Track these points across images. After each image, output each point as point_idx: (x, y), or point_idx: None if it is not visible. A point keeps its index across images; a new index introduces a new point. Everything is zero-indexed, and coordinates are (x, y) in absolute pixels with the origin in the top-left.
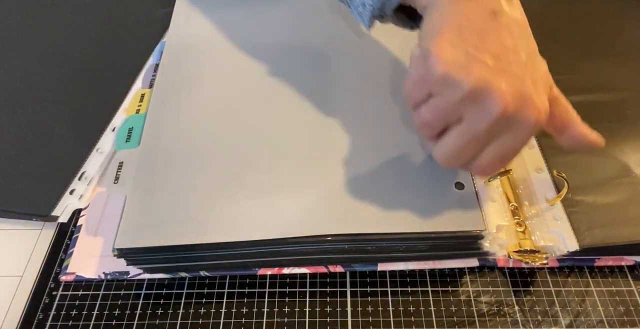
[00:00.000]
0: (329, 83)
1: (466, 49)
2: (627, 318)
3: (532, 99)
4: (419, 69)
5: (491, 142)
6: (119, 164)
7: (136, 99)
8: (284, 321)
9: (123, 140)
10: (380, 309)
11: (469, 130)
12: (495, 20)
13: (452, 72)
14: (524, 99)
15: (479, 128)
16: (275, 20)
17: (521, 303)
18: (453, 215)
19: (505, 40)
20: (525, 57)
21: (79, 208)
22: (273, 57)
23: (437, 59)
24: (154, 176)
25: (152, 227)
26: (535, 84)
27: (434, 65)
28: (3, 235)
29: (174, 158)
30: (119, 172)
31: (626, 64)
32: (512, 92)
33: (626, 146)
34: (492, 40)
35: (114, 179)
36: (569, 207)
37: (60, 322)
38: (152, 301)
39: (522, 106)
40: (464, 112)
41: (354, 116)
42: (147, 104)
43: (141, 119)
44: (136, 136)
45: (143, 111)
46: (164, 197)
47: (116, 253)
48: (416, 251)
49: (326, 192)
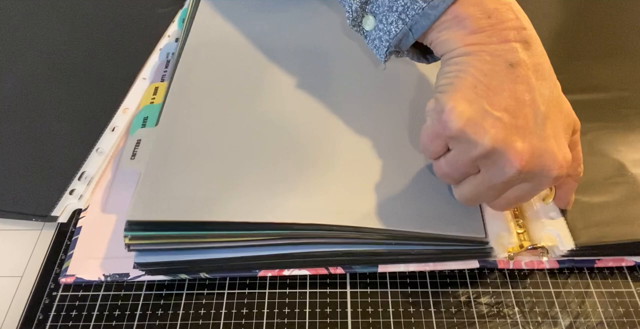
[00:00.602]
0: (342, 84)
1: (482, 105)
2: (626, 319)
3: (551, 152)
4: (434, 124)
5: (510, 189)
6: (137, 142)
7: (150, 91)
8: (284, 321)
9: (139, 127)
10: (380, 310)
11: (485, 182)
12: (512, 73)
13: (467, 131)
14: (542, 156)
15: (496, 182)
16: (292, 24)
17: (521, 304)
18: (456, 219)
19: (522, 95)
20: (544, 108)
21: (79, 208)
22: (290, 57)
23: (453, 117)
24: (170, 154)
25: (165, 202)
26: (556, 135)
27: (450, 122)
28: (3, 235)
29: (190, 138)
30: (136, 148)
31: (623, 63)
32: (529, 150)
33: (622, 145)
34: (507, 96)
35: (130, 155)
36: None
37: (60, 322)
38: (152, 302)
39: (540, 163)
40: (481, 166)
41: (364, 117)
42: (161, 96)
43: (156, 109)
44: (151, 123)
45: (157, 102)
46: (178, 175)
47: (127, 229)
48: (425, 255)
49: (335, 187)
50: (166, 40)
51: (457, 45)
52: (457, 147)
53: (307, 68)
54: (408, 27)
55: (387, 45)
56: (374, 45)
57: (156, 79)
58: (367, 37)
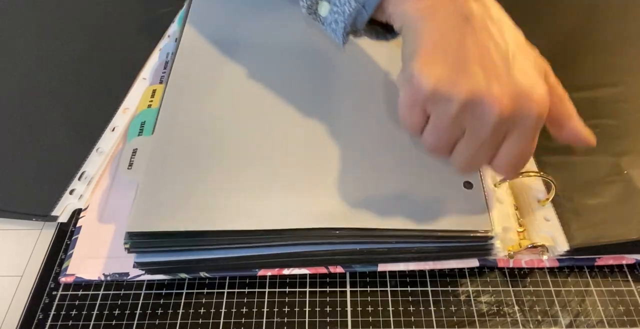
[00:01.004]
0: (340, 84)
1: (447, 62)
2: (627, 317)
3: (527, 93)
4: (407, 92)
5: (502, 142)
6: (133, 151)
7: (147, 94)
8: (284, 321)
9: (135, 133)
10: (380, 309)
11: (473, 140)
12: (469, 25)
13: (440, 88)
14: (519, 96)
15: (483, 136)
16: (288, 22)
17: (521, 302)
18: (460, 214)
19: (485, 42)
20: (510, 51)
21: (79, 208)
22: (285, 57)
23: (422, 78)
24: (167, 163)
25: (164, 212)
26: (526, 74)
27: (421, 84)
28: (3, 235)
29: (187, 146)
30: (132, 158)
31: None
32: (505, 93)
33: (617, 144)
34: (470, 47)
35: (127, 165)
36: (559, 207)
37: (60, 322)
38: (152, 301)
39: (519, 104)
40: (465, 124)
41: (362, 117)
42: (158, 99)
43: (153, 113)
44: (149, 129)
45: (155, 106)
46: (176, 184)
47: (127, 239)
48: (426, 253)
49: (336, 189)
50: (166, 40)
51: (410, 13)
52: (435, 110)
53: (303, 68)
54: (361, 4)
55: (343, 26)
56: (332, 29)
57: (156, 79)
58: (324, 23)
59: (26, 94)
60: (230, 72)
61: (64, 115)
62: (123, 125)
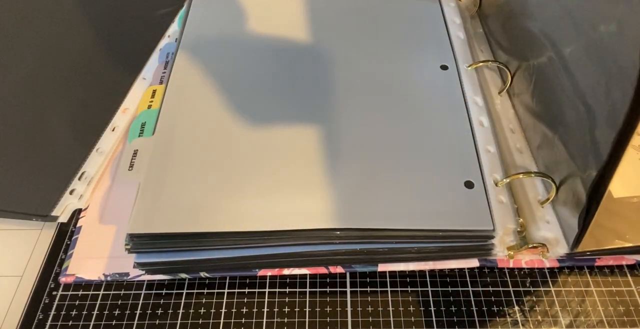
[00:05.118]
0: (341, 84)
1: None
2: (627, 318)
3: None
4: None
5: None
6: (134, 152)
7: (148, 94)
8: (284, 321)
9: (136, 134)
10: (380, 309)
11: None
12: None
13: None
14: None
15: None
16: (289, 23)
17: (521, 303)
18: (461, 214)
19: None
20: None
21: (79, 208)
22: (285, 58)
23: None
24: (168, 165)
25: (165, 214)
26: None
27: None
28: (3, 235)
29: (187, 147)
30: (133, 159)
31: None
32: None
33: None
34: None
35: (128, 166)
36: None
37: (60, 322)
38: (152, 301)
39: None
40: None
41: (362, 117)
42: (159, 100)
43: (154, 114)
44: (149, 130)
45: (155, 107)
46: (177, 186)
47: (128, 241)
48: (426, 253)
49: (336, 188)
50: (166, 40)
51: None
52: None
53: (303, 68)
54: None
55: None
56: None
57: (156, 79)
58: None
59: (26, 94)
60: (230, 72)
61: (64, 115)
62: (123, 125)
